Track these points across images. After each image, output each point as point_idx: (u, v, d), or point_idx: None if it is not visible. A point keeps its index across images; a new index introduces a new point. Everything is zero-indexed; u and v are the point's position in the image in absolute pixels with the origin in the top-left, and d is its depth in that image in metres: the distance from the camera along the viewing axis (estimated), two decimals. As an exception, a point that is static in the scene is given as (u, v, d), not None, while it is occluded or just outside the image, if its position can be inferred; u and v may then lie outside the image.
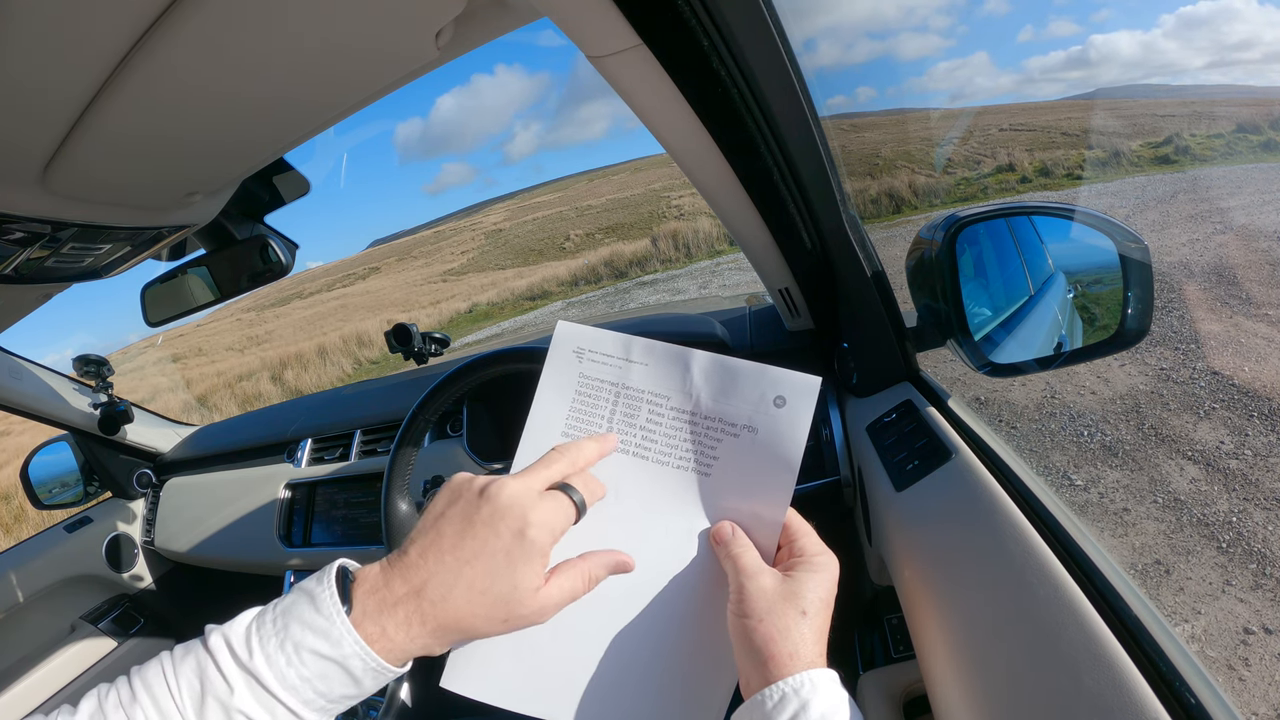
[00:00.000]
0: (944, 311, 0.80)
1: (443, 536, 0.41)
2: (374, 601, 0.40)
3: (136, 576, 1.68)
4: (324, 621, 0.38)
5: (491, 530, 0.41)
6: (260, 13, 0.43)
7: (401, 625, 0.40)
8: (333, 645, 0.38)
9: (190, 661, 0.38)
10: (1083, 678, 0.39)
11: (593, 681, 0.46)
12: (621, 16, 0.46)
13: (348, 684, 0.39)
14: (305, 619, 0.39)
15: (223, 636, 0.39)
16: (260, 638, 0.38)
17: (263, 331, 24.71)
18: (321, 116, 0.63)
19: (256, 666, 0.37)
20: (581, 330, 0.52)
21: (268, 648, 0.38)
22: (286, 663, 0.38)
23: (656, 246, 16.27)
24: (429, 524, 0.43)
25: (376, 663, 0.39)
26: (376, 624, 0.39)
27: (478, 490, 0.43)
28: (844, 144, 12.46)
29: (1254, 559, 2.34)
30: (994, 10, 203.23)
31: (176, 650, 0.40)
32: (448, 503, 0.43)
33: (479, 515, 0.41)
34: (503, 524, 0.41)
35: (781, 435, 0.46)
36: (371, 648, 0.39)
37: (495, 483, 0.42)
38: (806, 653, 0.41)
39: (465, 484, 0.44)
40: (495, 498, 0.42)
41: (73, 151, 0.53)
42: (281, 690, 0.37)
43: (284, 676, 0.37)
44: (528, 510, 0.41)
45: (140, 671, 0.39)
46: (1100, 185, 12.42)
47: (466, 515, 0.42)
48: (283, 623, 0.39)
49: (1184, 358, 3.87)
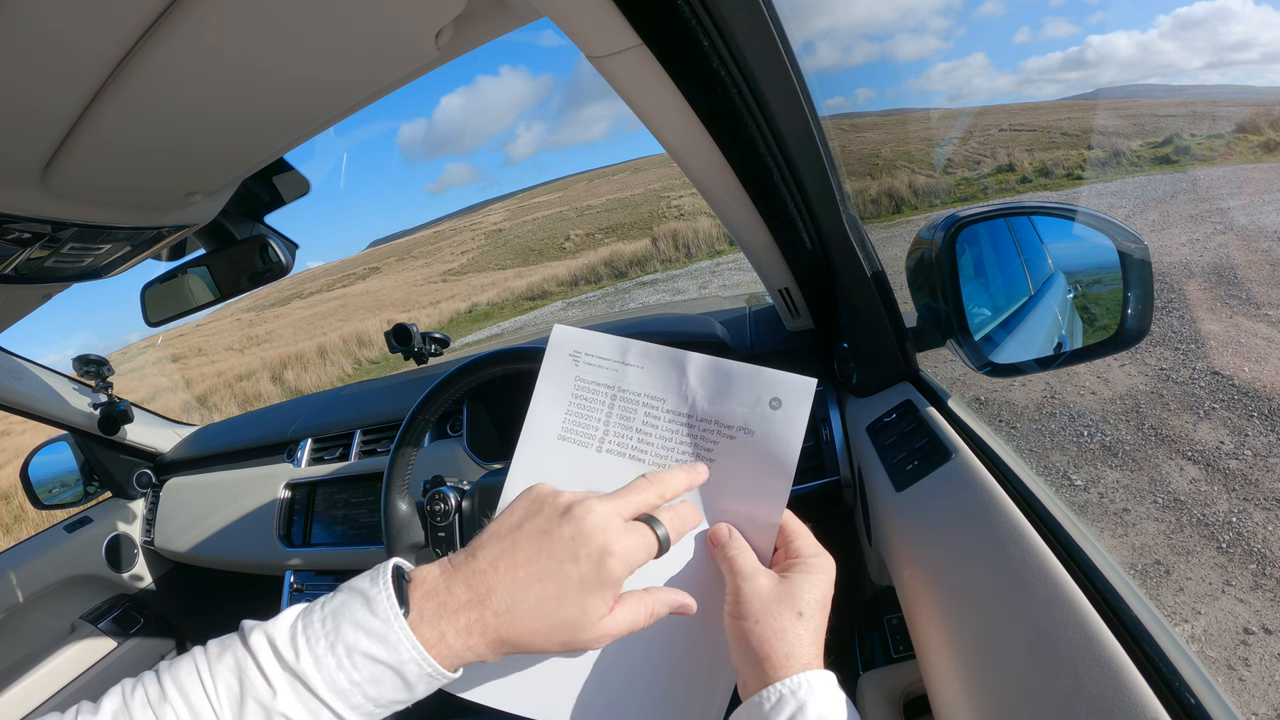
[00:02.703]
0: (944, 311, 0.80)
1: (518, 548, 0.40)
2: (432, 606, 0.38)
3: (136, 576, 1.68)
4: (380, 624, 0.37)
5: (570, 553, 0.39)
6: (260, 13, 0.43)
7: (461, 633, 0.38)
8: (389, 649, 0.37)
9: (228, 660, 0.37)
10: (1083, 678, 0.39)
11: (591, 682, 0.46)
12: (621, 16, 0.46)
13: (400, 689, 0.38)
14: (359, 620, 0.37)
15: (265, 635, 0.37)
16: (308, 638, 0.37)
17: (263, 331, 24.71)
18: (321, 116, 0.63)
19: (303, 669, 0.36)
20: (577, 333, 0.52)
21: (316, 649, 0.36)
22: (337, 666, 0.36)
23: (656, 246, 16.27)
24: (504, 532, 0.41)
25: (433, 668, 0.37)
26: (435, 629, 0.38)
27: (562, 508, 0.41)
28: (844, 144, 12.40)
29: (1254, 559, 2.34)
30: (990, 12, 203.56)
31: (211, 647, 0.38)
32: (526, 514, 0.42)
33: (560, 534, 0.40)
34: (584, 549, 0.39)
35: (777, 437, 0.46)
36: (429, 653, 0.37)
37: (582, 504, 0.41)
38: (803, 654, 0.41)
39: (550, 498, 0.42)
40: (581, 520, 0.40)
41: (73, 152, 0.53)
42: (330, 694, 0.36)
43: (333, 680, 0.36)
44: (611, 540, 0.40)
45: (170, 668, 0.37)
46: (1100, 185, 12.41)
47: (547, 531, 0.40)
48: (333, 623, 0.37)
49: (1184, 358, 3.87)
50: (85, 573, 1.58)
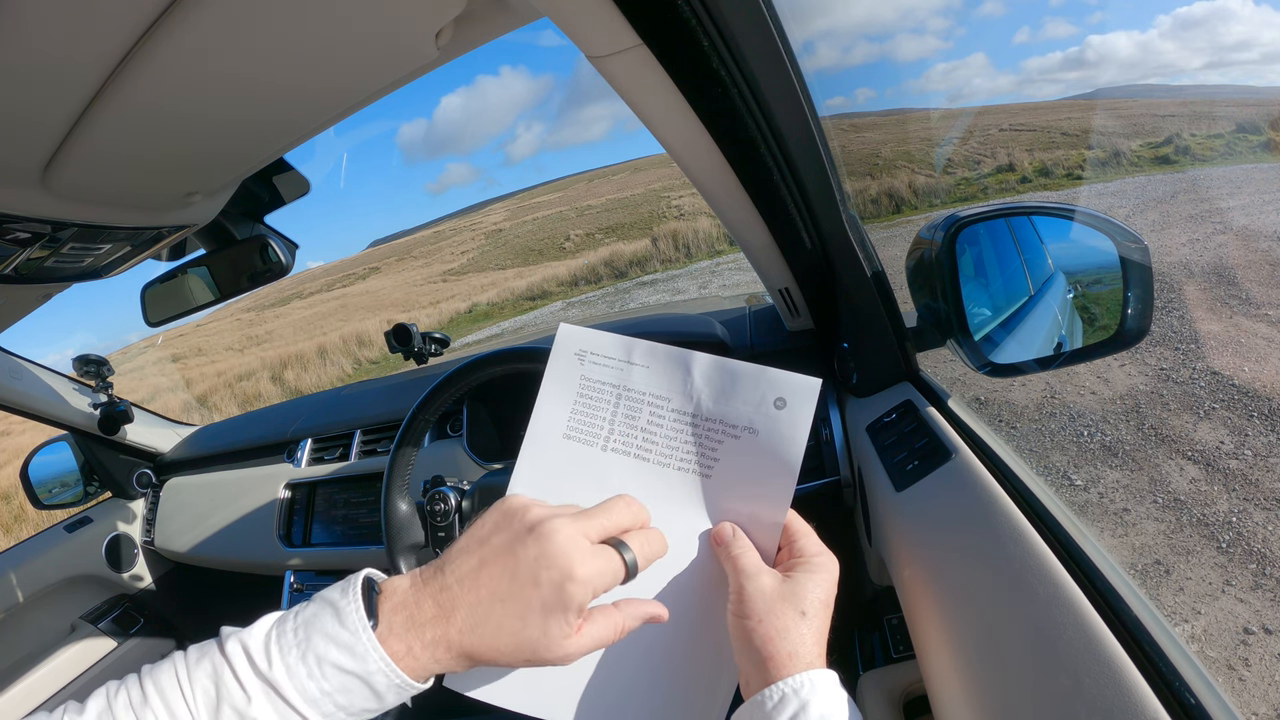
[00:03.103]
0: (944, 311, 0.80)
1: (483, 566, 0.40)
2: (401, 619, 0.39)
3: (136, 576, 1.68)
4: (348, 636, 0.38)
5: (532, 576, 0.39)
6: (260, 14, 0.43)
7: (428, 646, 0.39)
8: (357, 660, 0.37)
9: (205, 666, 0.38)
10: (1083, 678, 0.39)
11: (593, 681, 0.46)
12: (621, 16, 0.46)
13: (369, 698, 0.38)
14: (329, 631, 0.38)
15: (240, 643, 0.38)
16: (281, 647, 0.38)
17: (263, 331, 24.71)
18: (321, 116, 0.63)
19: (276, 677, 0.37)
20: (583, 333, 0.52)
21: (288, 658, 0.37)
22: (308, 675, 0.37)
23: (656, 246, 16.27)
24: (472, 546, 0.41)
25: (401, 679, 0.38)
26: (403, 642, 0.38)
27: (529, 525, 0.40)
28: (844, 144, 12.39)
29: (1254, 559, 2.34)
30: (990, 12, 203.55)
31: (191, 652, 0.39)
32: (495, 529, 0.42)
33: (525, 554, 0.39)
34: (545, 573, 0.39)
35: (782, 437, 0.46)
36: (397, 665, 0.38)
37: (549, 522, 0.40)
38: (806, 653, 0.41)
39: (518, 513, 0.42)
40: (546, 540, 0.39)
41: (73, 152, 0.53)
42: (301, 703, 0.37)
43: (304, 689, 0.37)
44: (575, 564, 0.39)
45: (152, 672, 0.38)
46: (1100, 185, 12.41)
47: (511, 549, 0.40)
48: (304, 634, 0.38)
49: (1184, 358, 3.87)
50: (85, 573, 1.58)
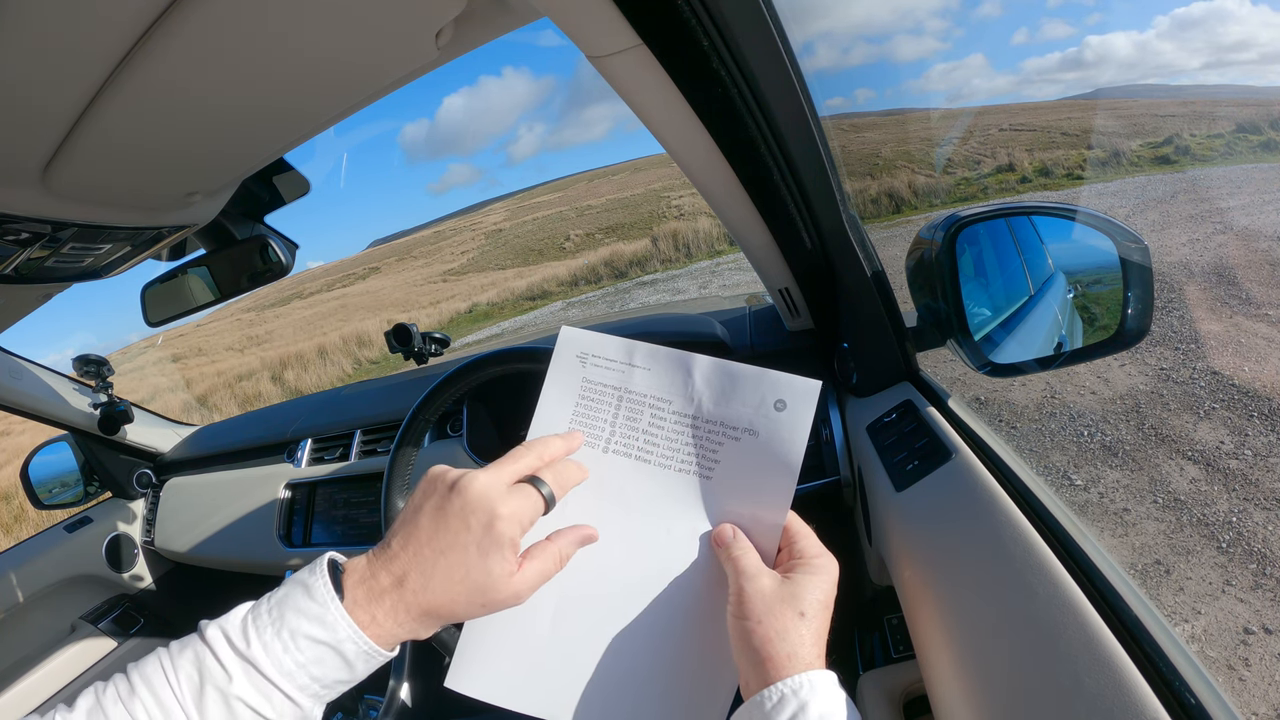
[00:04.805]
0: (944, 311, 0.80)
1: (419, 529, 0.43)
2: (363, 591, 0.42)
3: (136, 576, 1.68)
4: (318, 608, 0.40)
5: (462, 523, 0.42)
6: (260, 13, 0.43)
7: (389, 613, 0.42)
8: (328, 630, 0.40)
9: (188, 654, 0.40)
10: (1083, 678, 0.39)
11: (594, 681, 0.47)
12: (621, 16, 0.46)
13: (341, 668, 0.41)
14: (300, 606, 0.41)
15: (219, 628, 0.40)
16: (257, 627, 0.40)
17: (263, 331, 24.71)
18: (322, 117, 0.63)
19: (254, 654, 0.39)
20: (585, 335, 0.52)
21: (264, 636, 0.40)
22: (283, 649, 0.39)
23: (656, 246, 16.26)
24: (408, 516, 0.44)
25: (369, 646, 0.41)
26: (367, 611, 0.41)
27: (450, 484, 0.44)
28: (844, 144, 12.38)
29: (1254, 559, 2.34)
30: (988, 13, 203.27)
31: (173, 646, 0.41)
32: (424, 495, 0.45)
33: (450, 508, 0.43)
34: (473, 517, 0.42)
35: (782, 438, 0.46)
36: (364, 633, 0.41)
37: (466, 476, 0.44)
38: (805, 654, 0.41)
39: (439, 477, 0.45)
40: (465, 491, 0.43)
41: (73, 152, 0.53)
42: (279, 676, 0.39)
43: (280, 663, 0.39)
44: (495, 503, 0.42)
45: (138, 667, 0.40)
46: (1100, 185, 12.41)
47: (440, 508, 0.43)
48: (279, 612, 0.41)
49: (1184, 358, 3.87)
50: (85, 573, 1.58)
